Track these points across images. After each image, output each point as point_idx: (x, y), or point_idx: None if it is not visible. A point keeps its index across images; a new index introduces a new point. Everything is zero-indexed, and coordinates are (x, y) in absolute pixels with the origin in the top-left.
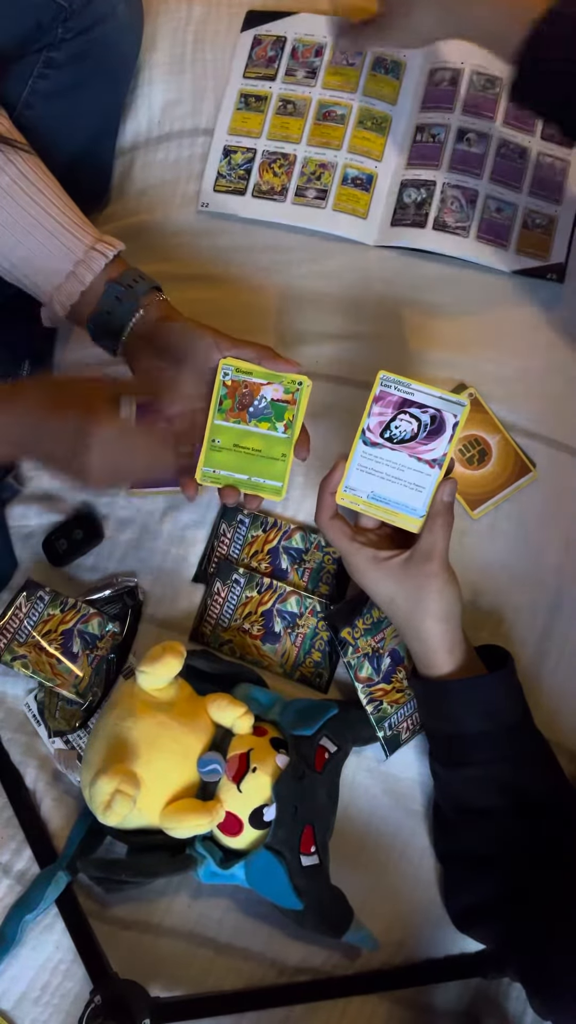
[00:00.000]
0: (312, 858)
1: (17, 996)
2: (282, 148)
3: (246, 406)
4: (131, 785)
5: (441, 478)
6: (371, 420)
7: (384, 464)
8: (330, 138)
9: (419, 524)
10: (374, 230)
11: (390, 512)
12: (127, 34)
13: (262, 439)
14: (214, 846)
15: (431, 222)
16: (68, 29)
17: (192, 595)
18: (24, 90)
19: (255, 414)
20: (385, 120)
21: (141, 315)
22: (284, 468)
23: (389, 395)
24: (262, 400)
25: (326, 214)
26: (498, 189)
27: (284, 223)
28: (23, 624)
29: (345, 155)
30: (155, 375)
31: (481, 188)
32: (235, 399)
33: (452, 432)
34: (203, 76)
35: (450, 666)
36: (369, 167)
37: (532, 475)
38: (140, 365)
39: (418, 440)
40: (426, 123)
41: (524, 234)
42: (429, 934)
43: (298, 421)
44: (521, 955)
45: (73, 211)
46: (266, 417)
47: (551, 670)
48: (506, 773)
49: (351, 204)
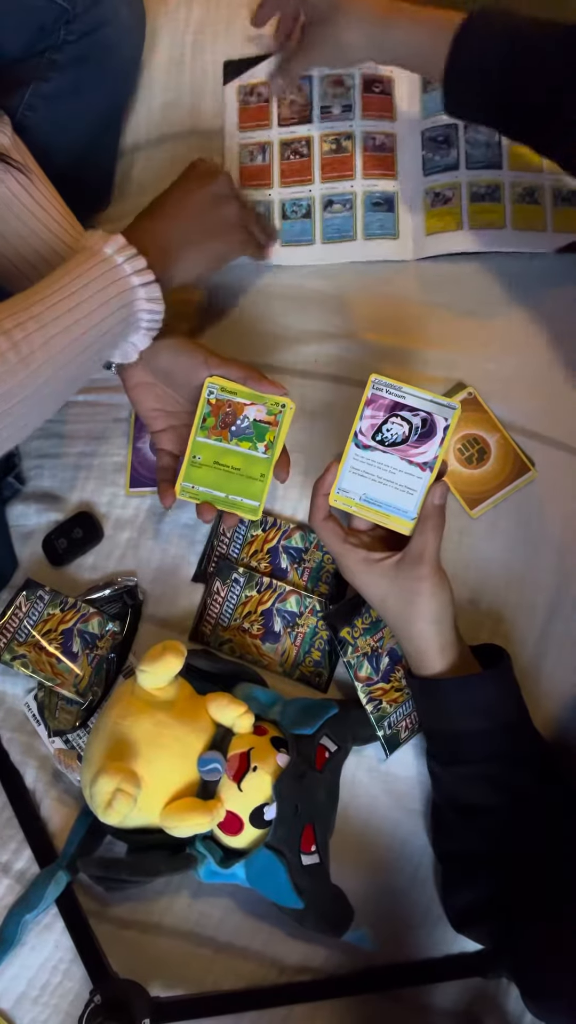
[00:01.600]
0: (312, 857)
1: (17, 995)
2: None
3: (228, 425)
4: (132, 784)
5: (432, 481)
6: (363, 423)
7: (376, 467)
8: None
9: (410, 526)
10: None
11: (382, 514)
12: (129, 37)
13: (242, 458)
14: (214, 845)
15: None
16: (71, 32)
17: (192, 594)
18: (26, 92)
19: (237, 433)
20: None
21: None
22: (262, 488)
23: (381, 398)
24: (245, 420)
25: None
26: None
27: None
28: (23, 623)
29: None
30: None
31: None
32: (218, 417)
33: (443, 435)
34: (202, 77)
35: (442, 666)
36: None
37: (531, 474)
38: (132, 381)
39: (409, 443)
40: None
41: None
42: (429, 934)
43: (279, 443)
44: (515, 955)
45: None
46: (247, 437)
47: (550, 669)
48: (502, 771)
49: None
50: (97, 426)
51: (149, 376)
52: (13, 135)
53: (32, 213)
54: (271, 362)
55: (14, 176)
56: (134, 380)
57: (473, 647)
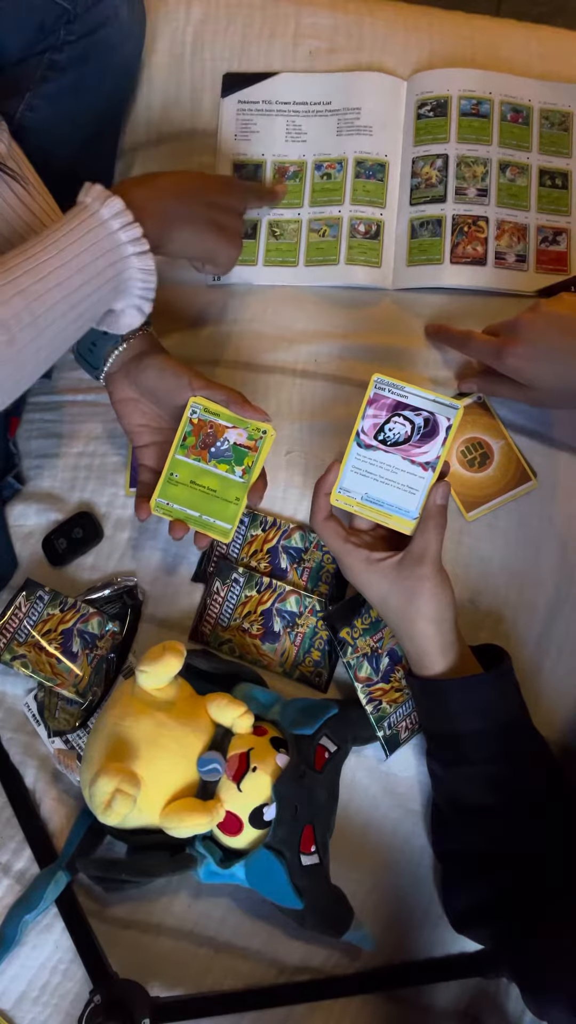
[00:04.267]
0: (312, 857)
1: (17, 996)
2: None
3: (208, 446)
4: (131, 785)
5: (434, 480)
6: (365, 422)
7: (378, 466)
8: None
9: (412, 526)
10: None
11: (383, 514)
12: (129, 36)
13: (219, 480)
14: (214, 845)
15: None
16: (71, 31)
17: (192, 594)
18: (27, 92)
19: (216, 455)
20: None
21: (124, 349)
22: (236, 511)
23: (383, 398)
24: (224, 442)
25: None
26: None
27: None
28: (23, 624)
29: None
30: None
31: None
32: (199, 437)
33: (445, 435)
34: (202, 77)
35: (442, 666)
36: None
37: (531, 484)
38: (117, 395)
39: (411, 443)
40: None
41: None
42: (429, 934)
43: (256, 467)
44: (515, 955)
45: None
46: (226, 459)
47: (550, 669)
48: (503, 771)
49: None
50: (97, 426)
51: (134, 392)
52: (11, 141)
53: (27, 224)
54: (271, 362)
55: (8, 185)
56: (119, 395)
57: (473, 647)
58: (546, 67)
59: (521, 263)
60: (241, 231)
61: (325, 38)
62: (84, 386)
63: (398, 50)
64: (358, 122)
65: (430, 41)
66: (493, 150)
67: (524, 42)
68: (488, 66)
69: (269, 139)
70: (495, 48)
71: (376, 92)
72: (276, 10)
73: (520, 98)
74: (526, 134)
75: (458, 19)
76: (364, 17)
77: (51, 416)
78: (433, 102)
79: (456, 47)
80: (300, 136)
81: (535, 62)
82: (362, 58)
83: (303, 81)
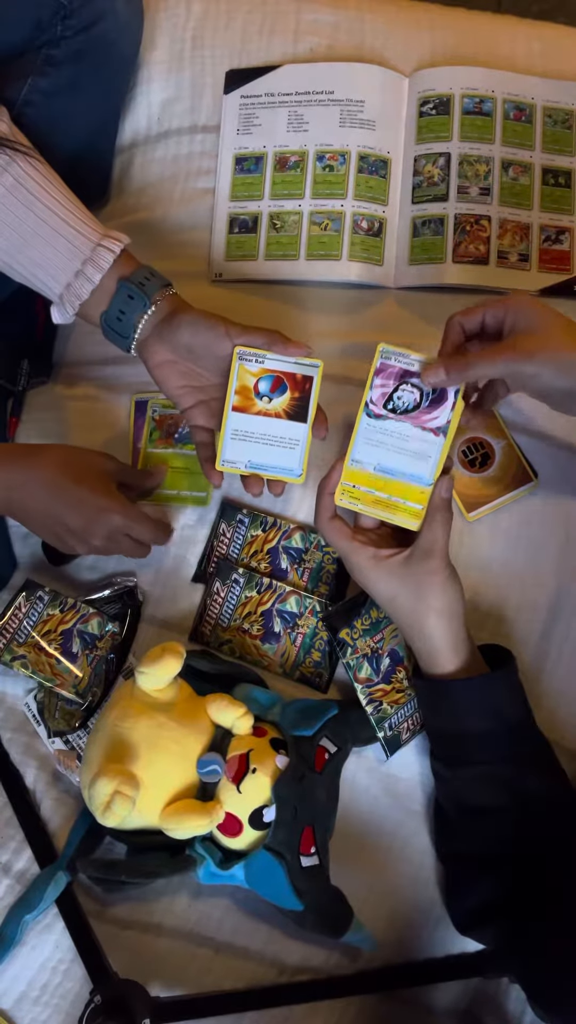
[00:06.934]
0: (312, 859)
1: (17, 996)
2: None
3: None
4: (130, 786)
5: (448, 445)
6: (373, 392)
7: (389, 435)
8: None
9: (418, 523)
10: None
11: (389, 510)
12: (126, 32)
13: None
14: (214, 847)
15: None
16: (68, 27)
17: (192, 595)
18: (24, 88)
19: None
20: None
21: (153, 312)
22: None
23: (390, 367)
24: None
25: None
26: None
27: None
28: (23, 624)
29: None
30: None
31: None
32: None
33: (454, 399)
34: (202, 74)
35: (454, 664)
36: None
37: (532, 484)
38: (153, 360)
39: (421, 409)
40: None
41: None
42: (429, 934)
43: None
44: (521, 957)
45: (78, 208)
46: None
47: (551, 669)
48: (508, 772)
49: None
50: (97, 426)
51: (171, 354)
52: (11, 124)
53: (47, 203)
54: None
55: (18, 164)
56: (156, 359)
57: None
58: (548, 64)
59: (524, 262)
60: (84, 552)
61: (326, 35)
62: (83, 385)
63: (399, 47)
64: (361, 115)
65: (431, 38)
66: (496, 149)
67: (526, 39)
68: (490, 63)
69: (271, 131)
70: (496, 45)
71: (379, 87)
72: (277, 7)
73: (523, 96)
74: (529, 132)
75: (459, 16)
76: (365, 14)
77: (51, 416)
78: (435, 100)
79: (457, 44)
80: (301, 126)
81: (537, 59)
82: (363, 55)
83: (306, 71)
